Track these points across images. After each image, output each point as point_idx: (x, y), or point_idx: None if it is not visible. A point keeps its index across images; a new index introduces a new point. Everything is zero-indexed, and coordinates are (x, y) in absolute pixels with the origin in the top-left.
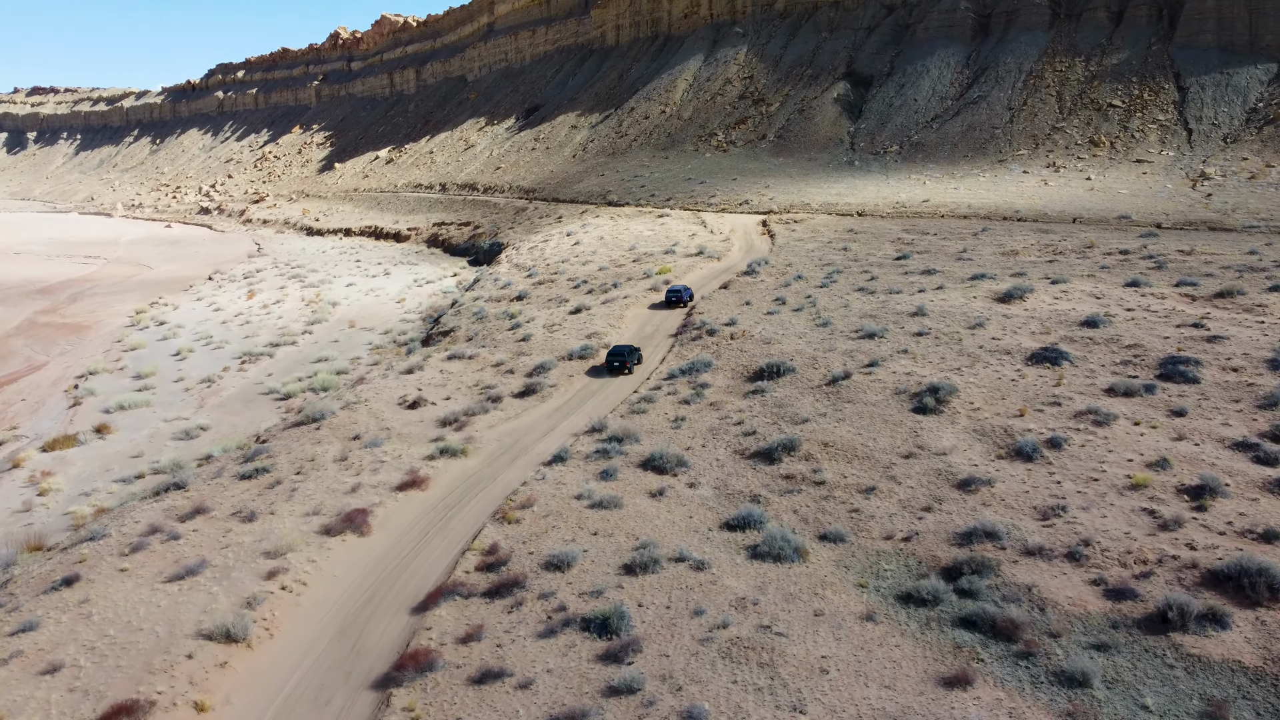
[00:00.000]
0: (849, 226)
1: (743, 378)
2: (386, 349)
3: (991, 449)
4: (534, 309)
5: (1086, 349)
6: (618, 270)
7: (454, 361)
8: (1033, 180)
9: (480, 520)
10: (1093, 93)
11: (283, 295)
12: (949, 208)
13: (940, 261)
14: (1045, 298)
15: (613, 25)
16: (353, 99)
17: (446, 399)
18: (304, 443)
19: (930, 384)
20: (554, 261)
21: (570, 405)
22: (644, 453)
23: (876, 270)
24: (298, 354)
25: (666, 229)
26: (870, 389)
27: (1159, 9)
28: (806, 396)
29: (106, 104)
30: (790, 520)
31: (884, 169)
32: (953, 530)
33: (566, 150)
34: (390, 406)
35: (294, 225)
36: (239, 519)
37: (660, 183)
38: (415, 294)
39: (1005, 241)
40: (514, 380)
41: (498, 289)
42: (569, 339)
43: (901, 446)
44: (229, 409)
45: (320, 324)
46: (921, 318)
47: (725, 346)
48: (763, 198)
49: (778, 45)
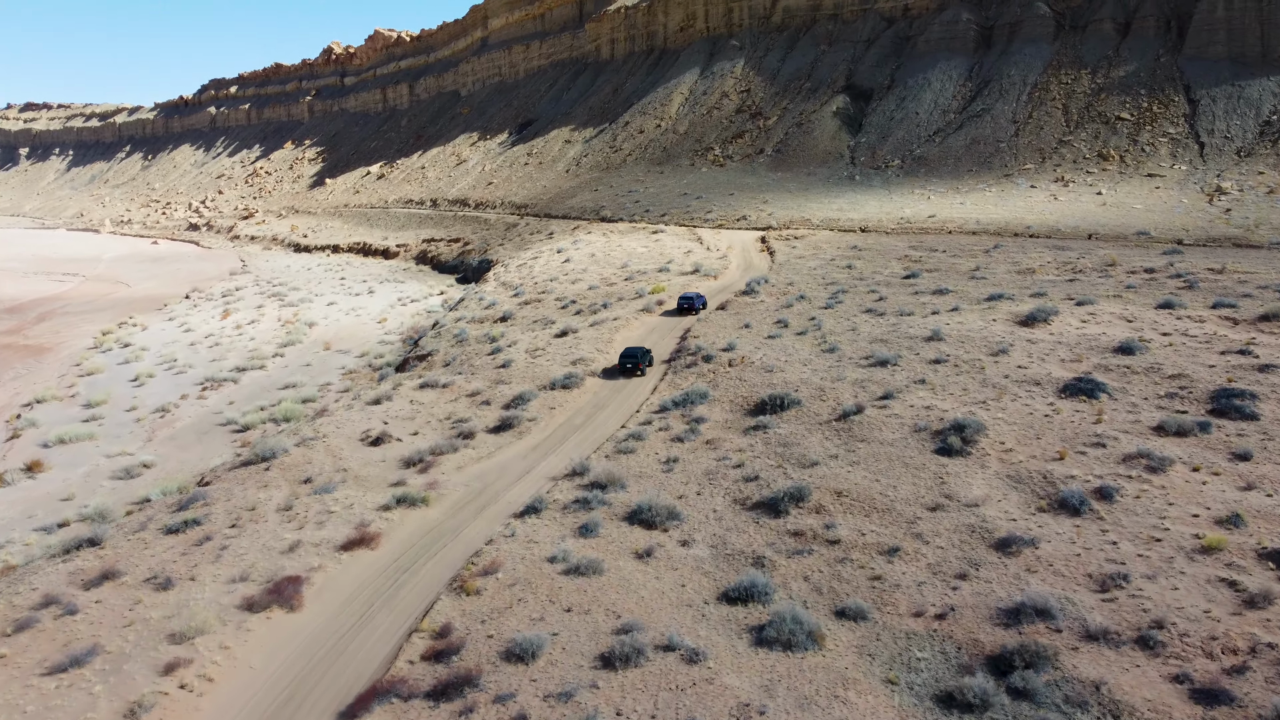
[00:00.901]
0: (852, 243)
1: (742, 411)
2: (360, 374)
3: (1030, 499)
4: (518, 331)
5: (1125, 379)
6: (608, 289)
7: (426, 390)
8: (1041, 195)
9: (435, 589)
10: (1100, 105)
11: (259, 315)
12: (956, 223)
13: (952, 280)
14: (1072, 320)
15: (607, 39)
16: (345, 114)
17: (414, 434)
18: (249, 486)
19: (954, 420)
20: (542, 280)
21: (551, 442)
22: (630, 502)
23: (884, 290)
24: (265, 379)
25: (661, 246)
26: (886, 425)
27: (1166, 20)
28: (814, 434)
29: (99, 120)
30: (801, 590)
31: (886, 184)
32: (995, 605)
33: (560, 165)
34: (350, 443)
35: (282, 242)
36: (153, 586)
37: (655, 198)
38: (398, 314)
39: (1019, 259)
40: (490, 413)
41: (482, 309)
42: (552, 365)
43: (926, 496)
44: (180, 442)
45: (293, 346)
46: (938, 343)
47: (723, 375)
48: (761, 213)
49: (775, 58)
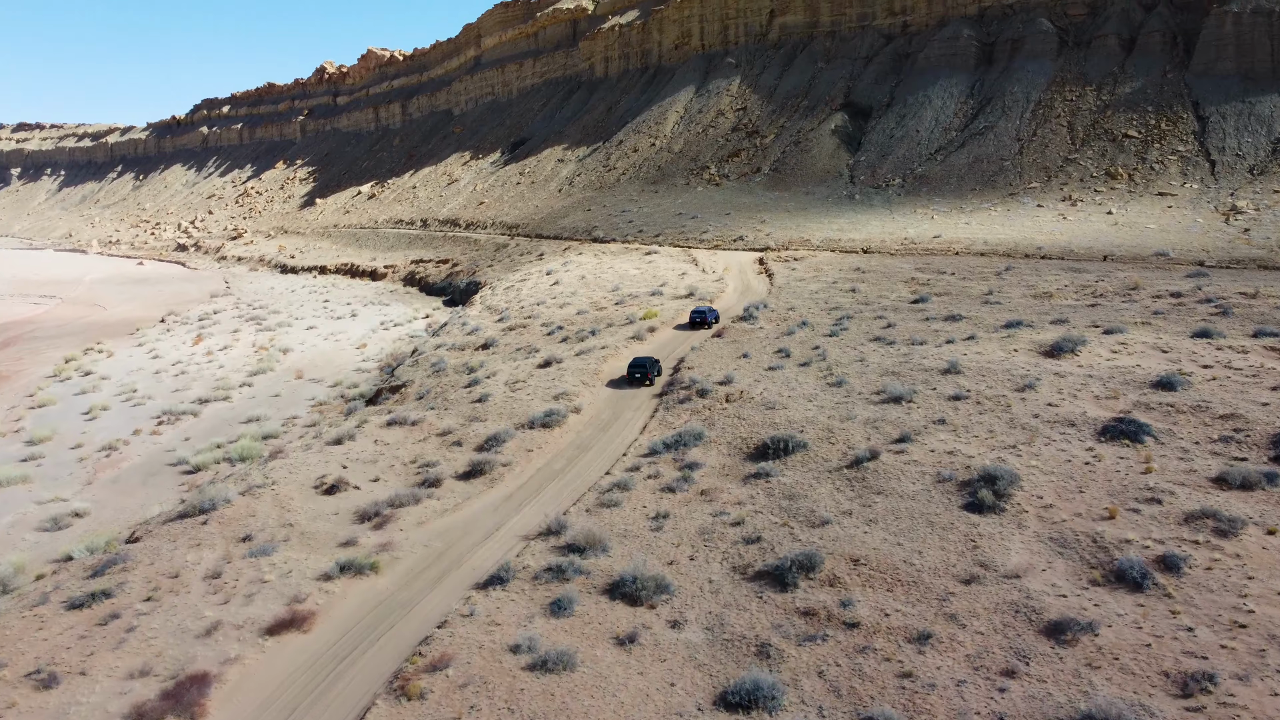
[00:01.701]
0: (855, 265)
1: (741, 454)
2: (331, 405)
3: (1081, 569)
4: (499, 360)
5: (1170, 420)
6: (598, 314)
7: (393, 429)
8: (1049, 214)
9: (371, 691)
10: (1106, 123)
11: (233, 340)
12: (963, 244)
13: (964, 305)
14: (1101, 351)
15: (601, 57)
16: (338, 134)
17: (374, 480)
18: (180, 545)
19: (984, 469)
20: (529, 304)
21: (525, 492)
22: (612, 570)
23: (892, 316)
24: (229, 412)
25: (654, 268)
26: (905, 474)
27: (1172, 36)
28: (823, 484)
29: (91, 140)
30: (815, 691)
31: (887, 203)
32: (1055, 715)
33: (552, 185)
34: (303, 491)
35: (269, 262)
36: (33, 684)
37: (649, 218)
38: (379, 339)
39: (1034, 282)
40: (460, 455)
41: (464, 335)
42: (532, 401)
43: (958, 564)
44: (123, 485)
45: (264, 374)
46: (956, 376)
47: (719, 412)
48: (758, 233)
49: (772, 76)
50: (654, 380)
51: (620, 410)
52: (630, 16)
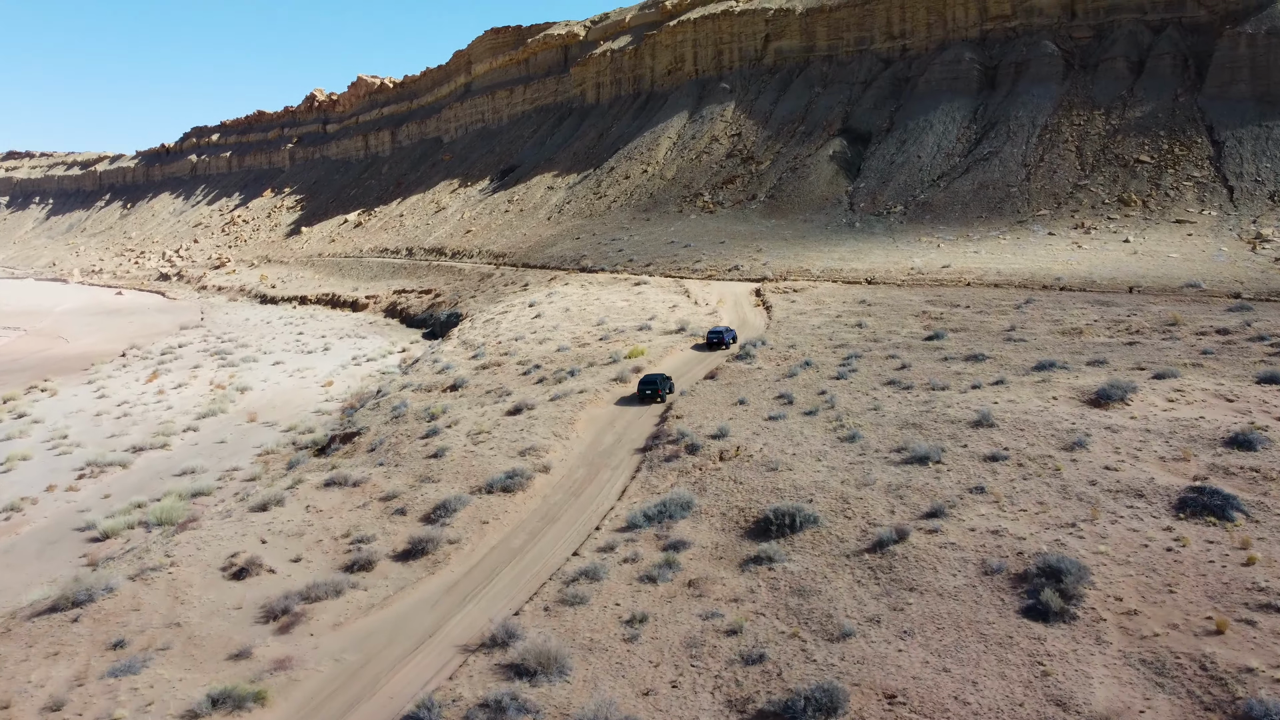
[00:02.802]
0: (859, 297)
1: (738, 529)
2: (279, 455)
3: (1193, 713)
4: (465, 406)
5: (1259, 489)
6: (580, 351)
7: (331, 491)
8: (1062, 243)
9: None
10: (1116, 148)
11: (191, 377)
12: (974, 274)
13: (985, 343)
14: (1155, 400)
15: (593, 83)
16: (327, 161)
17: (295, 561)
18: (34, 654)
19: (1042, 558)
20: (507, 339)
21: (474, 579)
22: (569, 709)
23: (905, 355)
24: (164, 462)
25: (643, 299)
26: (943, 562)
27: (1183, 58)
28: (841, 574)
29: (80, 168)
30: None
31: (889, 231)
32: None
33: (541, 212)
34: (206, 575)
35: (249, 292)
36: None
37: (640, 246)
38: (348, 376)
39: (1059, 316)
40: (402, 528)
41: (434, 374)
42: (495, 458)
43: (1026, 703)
44: (15, 557)
45: (214, 417)
46: (989, 430)
47: (712, 474)
48: (755, 263)
49: (767, 101)
50: (664, 398)
51: (597, 468)
52: (623, 42)
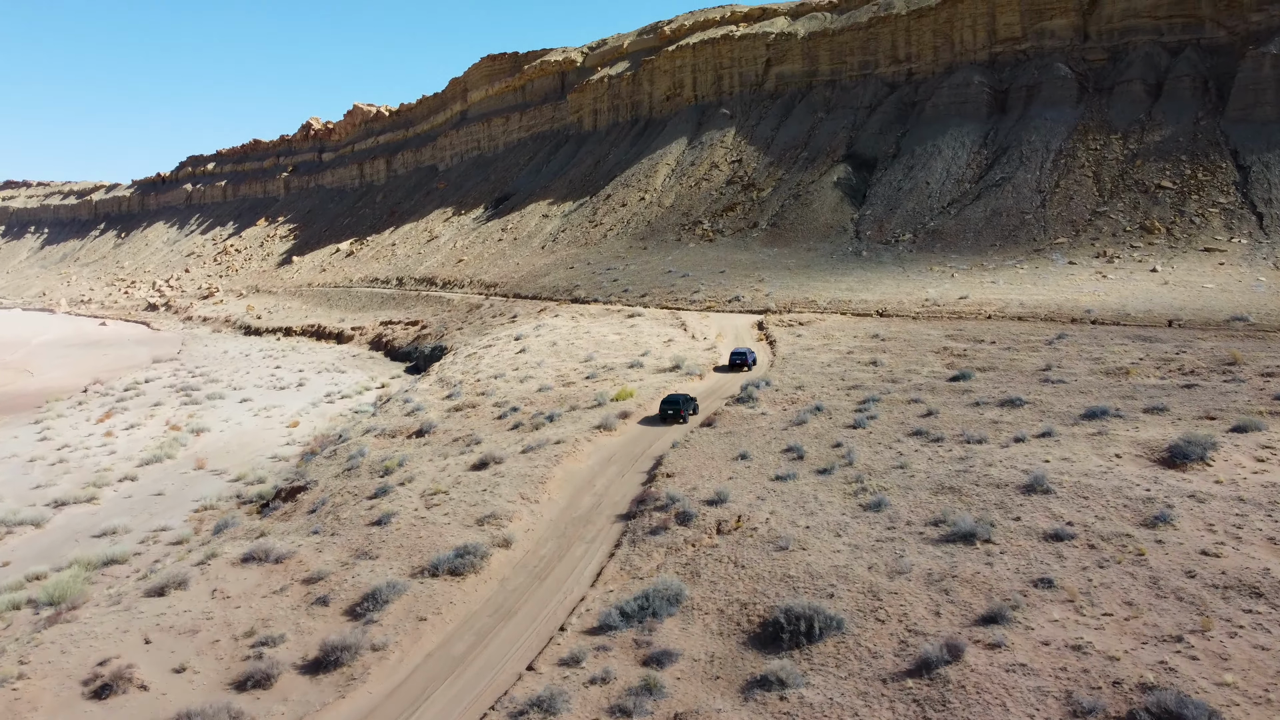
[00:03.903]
0: (872, 330)
1: (740, 635)
2: (218, 510)
3: None
4: (427, 456)
5: None
6: (563, 391)
7: (248, 568)
8: (1085, 272)
9: None
10: (1136, 173)
11: (149, 416)
12: (995, 306)
13: (1020, 385)
14: (1242, 459)
15: (590, 110)
16: (322, 190)
17: (178, 671)
18: None
19: (1152, 695)
20: (486, 377)
21: (396, 706)
22: None
23: (930, 399)
24: (86, 519)
25: (636, 333)
26: (1013, 698)
27: (1204, 80)
28: (876, 709)
29: (76, 197)
30: None
31: (898, 260)
32: None
33: (535, 241)
34: (61, 692)
35: (234, 323)
36: None
37: (636, 276)
38: (318, 415)
39: (1099, 353)
40: (320, 624)
41: (403, 415)
42: (448, 527)
43: None
44: None
45: (159, 464)
46: (1044, 497)
47: (708, 552)
48: (757, 294)
49: (768, 126)
50: (687, 418)
51: (570, 540)
52: (620, 68)
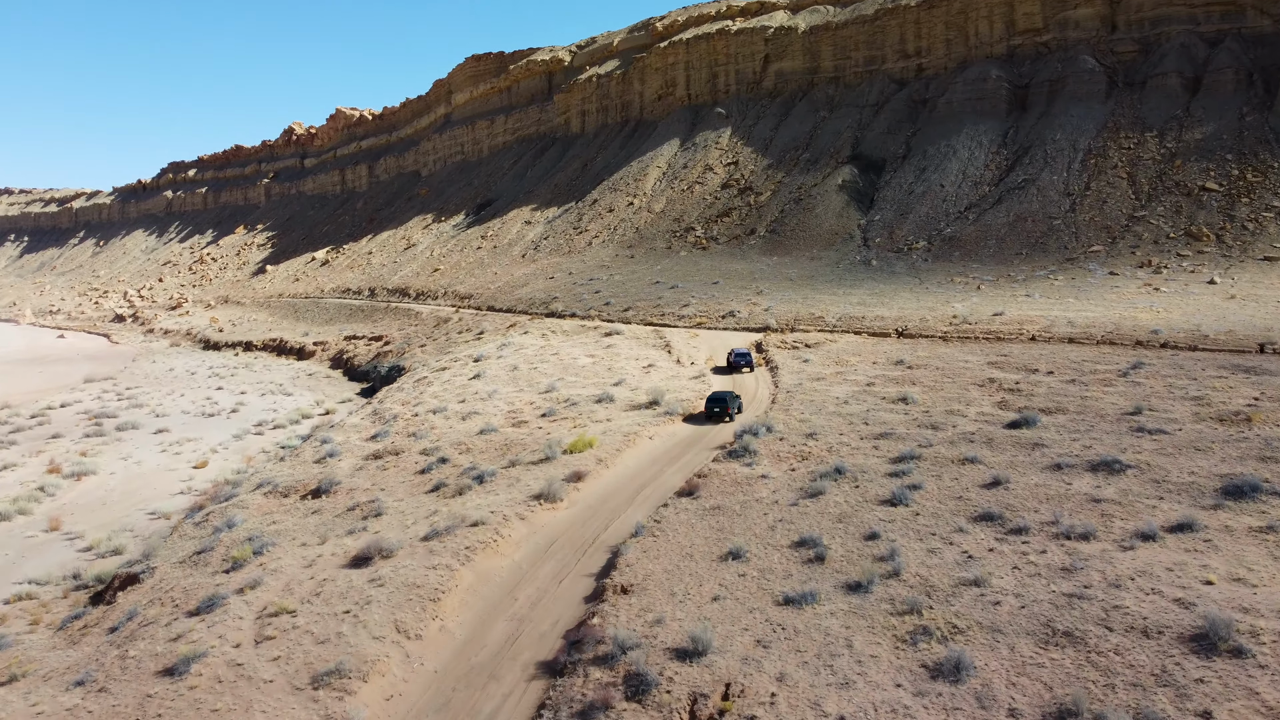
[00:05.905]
0: (894, 355)
1: None
2: (38, 600)
3: None
4: (299, 541)
5: None
6: (510, 434)
7: None
8: (1131, 285)
9: None
10: (1176, 174)
11: (35, 453)
12: (1038, 326)
13: (1107, 436)
14: None
15: (577, 111)
16: (303, 197)
17: None
18: None
19: None
20: (426, 410)
21: None
22: None
23: (990, 456)
24: None
25: (613, 355)
26: None
27: (1247, 74)
28: None
29: (57, 205)
30: None
31: (913, 270)
32: None
33: (515, 249)
34: None
35: (194, 337)
36: None
37: (620, 287)
38: (236, 451)
39: (1197, 390)
40: None
41: (311, 462)
42: (268, 689)
43: None
44: None
45: (3, 523)
46: (1232, 662)
47: None
48: (754, 308)
49: (767, 127)
50: (734, 416)
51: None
52: (609, 67)
